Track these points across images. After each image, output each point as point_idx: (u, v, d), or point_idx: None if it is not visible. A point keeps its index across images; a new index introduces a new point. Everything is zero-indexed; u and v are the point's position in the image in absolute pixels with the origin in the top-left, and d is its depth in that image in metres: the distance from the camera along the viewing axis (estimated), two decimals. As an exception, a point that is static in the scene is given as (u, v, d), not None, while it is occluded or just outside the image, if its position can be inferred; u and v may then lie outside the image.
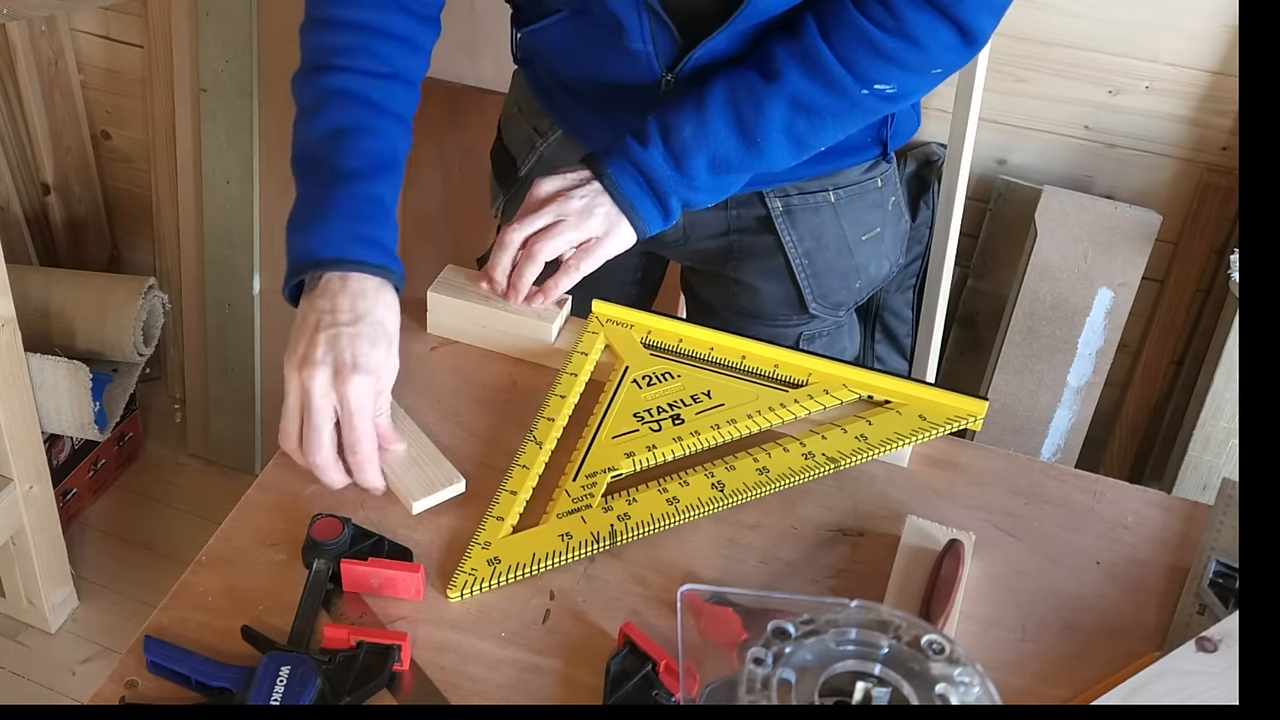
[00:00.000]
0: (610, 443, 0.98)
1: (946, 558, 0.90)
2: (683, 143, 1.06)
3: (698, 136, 1.06)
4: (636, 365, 1.05)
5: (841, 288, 1.27)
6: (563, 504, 0.93)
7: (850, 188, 1.24)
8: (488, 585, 0.88)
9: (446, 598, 0.88)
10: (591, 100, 1.20)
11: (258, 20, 1.92)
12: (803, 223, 1.23)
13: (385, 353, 0.96)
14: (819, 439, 1.00)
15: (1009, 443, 1.79)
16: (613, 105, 1.17)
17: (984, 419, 1.04)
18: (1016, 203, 1.79)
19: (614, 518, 0.92)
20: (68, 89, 2.17)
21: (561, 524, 0.92)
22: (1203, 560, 0.94)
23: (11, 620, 1.97)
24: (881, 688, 0.70)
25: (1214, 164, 1.70)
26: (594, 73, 1.17)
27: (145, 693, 0.81)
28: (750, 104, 1.06)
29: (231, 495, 0.97)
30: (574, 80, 1.21)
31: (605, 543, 0.91)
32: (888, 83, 1.05)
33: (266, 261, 2.10)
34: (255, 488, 0.96)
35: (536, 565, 0.89)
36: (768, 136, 1.06)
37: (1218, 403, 1.69)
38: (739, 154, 1.07)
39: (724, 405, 1.01)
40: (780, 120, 1.06)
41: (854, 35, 1.03)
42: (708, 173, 1.08)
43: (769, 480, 0.96)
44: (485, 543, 0.90)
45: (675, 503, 0.94)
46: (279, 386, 0.95)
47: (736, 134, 1.06)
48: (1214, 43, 1.63)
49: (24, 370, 1.74)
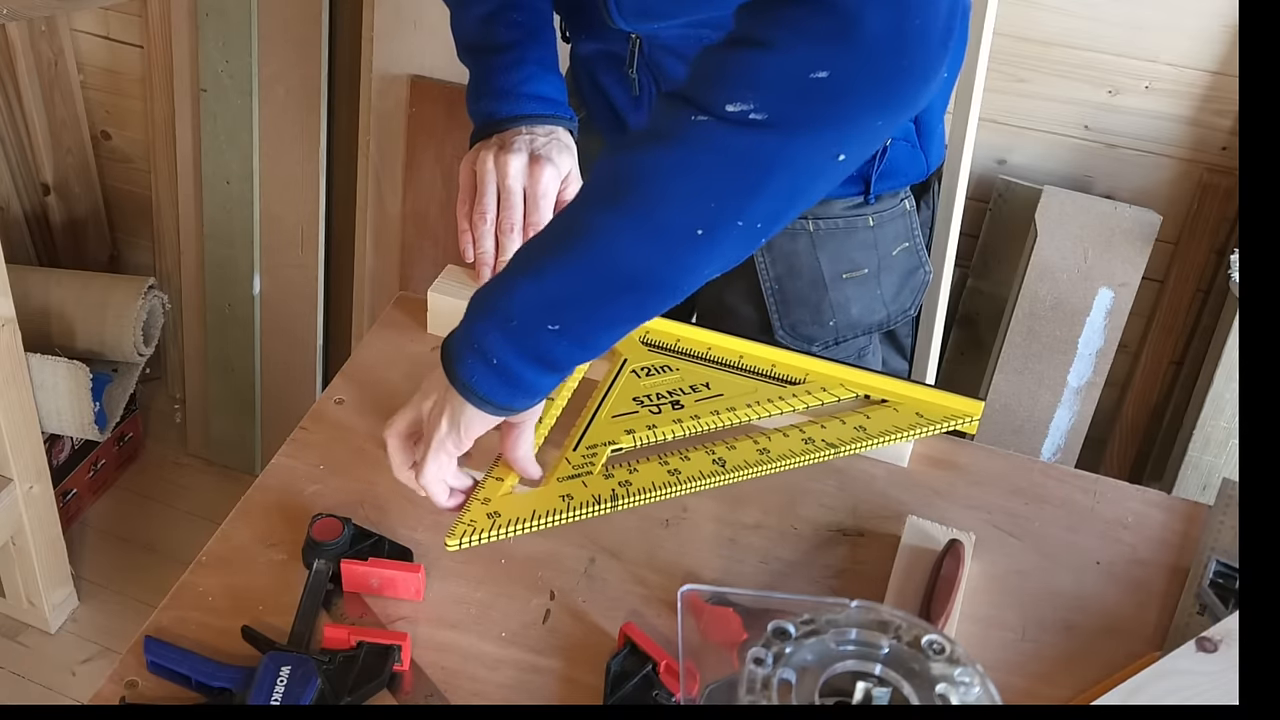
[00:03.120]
0: (611, 421, 0.98)
1: (946, 558, 0.90)
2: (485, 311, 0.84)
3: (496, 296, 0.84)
4: (635, 358, 1.05)
5: (813, 322, 1.22)
6: (563, 470, 0.94)
7: (830, 221, 1.19)
8: (487, 536, 0.88)
9: (445, 546, 0.87)
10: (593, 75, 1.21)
11: (258, 20, 1.92)
12: (777, 247, 1.19)
13: (570, 161, 1.08)
14: (818, 427, 1.00)
15: (1009, 443, 1.79)
16: (606, 79, 1.19)
17: (981, 419, 1.04)
18: (1016, 203, 1.79)
19: (615, 483, 0.93)
20: (68, 89, 2.16)
21: (563, 486, 0.92)
22: (1203, 560, 0.94)
23: (11, 620, 1.97)
24: (882, 688, 0.70)
25: (1214, 164, 1.70)
26: (587, 35, 1.18)
27: (145, 693, 0.81)
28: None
29: (231, 495, 0.98)
30: (579, 49, 1.22)
31: (606, 505, 0.91)
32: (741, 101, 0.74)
33: (266, 261, 2.10)
34: (255, 488, 0.96)
35: (537, 521, 0.89)
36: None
37: (1218, 403, 1.68)
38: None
39: (723, 395, 1.02)
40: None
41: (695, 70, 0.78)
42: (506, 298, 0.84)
43: (769, 460, 0.96)
44: (485, 499, 0.90)
45: (676, 474, 0.94)
46: (279, 386, 0.95)
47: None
48: (1214, 43, 1.62)
49: (24, 370, 1.74)
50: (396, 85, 1.86)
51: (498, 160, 1.07)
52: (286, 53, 1.93)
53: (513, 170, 1.07)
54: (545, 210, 1.09)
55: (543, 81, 1.11)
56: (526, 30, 1.13)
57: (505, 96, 1.10)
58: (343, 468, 0.98)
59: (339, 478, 0.97)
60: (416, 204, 1.93)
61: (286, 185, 2.03)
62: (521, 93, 1.10)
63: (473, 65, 1.15)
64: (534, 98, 1.10)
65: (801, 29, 0.72)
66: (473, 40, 1.15)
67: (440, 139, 1.88)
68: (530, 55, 1.12)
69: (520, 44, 1.12)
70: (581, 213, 0.80)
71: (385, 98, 1.88)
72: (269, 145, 2.00)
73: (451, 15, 1.18)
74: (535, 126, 1.09)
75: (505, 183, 1.07)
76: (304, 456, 0.98)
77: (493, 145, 1.09)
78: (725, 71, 0.74)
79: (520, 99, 1.10)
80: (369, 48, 1.86)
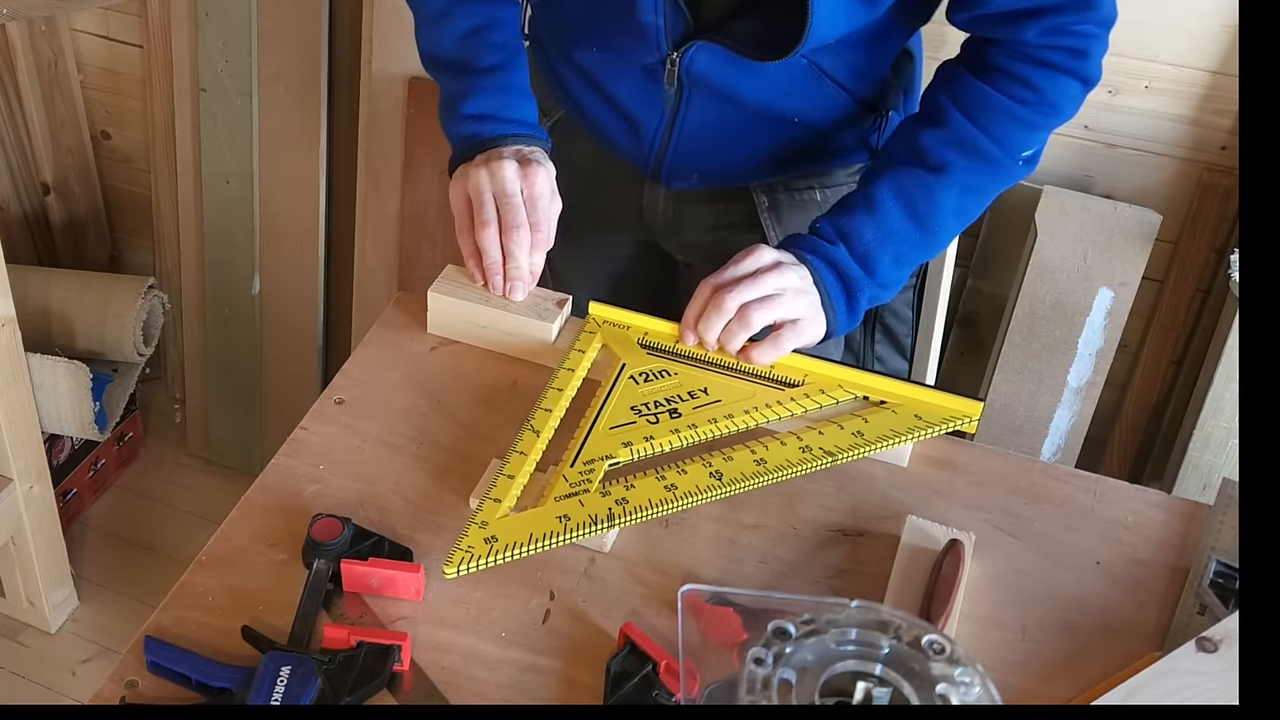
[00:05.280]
0: (608, 433, 0.98)
1: (946, 558, 0.90)
2: (866, 245, 1.08)
3: (879, 237, 1.09)
4: (634, 363, 1.05)
5: None
6: (560, 488, 0.93)
7: (836, 189, 1.24)
8: (485, 563, 0.87)
9: (443, 573, 0.87)
10: (596, 80, 1.21)
11: (258, 20, 1.92)
12: (787, 218, 1.24)
13: (553, 171, 1.11)
14: (816, 434, 1.00)
15: (1009, 443, 1.79)
16: (617, 85, 1.19)
17: (980, 420, 1.04)
18: (1016, 203, 1.79)
19: (612, 501, 0.92)
20: (67, 89, 2.16)
21: (559, 506, 0.92)
22: (1203, 560, 0.94)
23: (11, 620, 1.97)
24: (882, 688, 0.70)
25: (1214, 164, 1.70)
26: (601, 46, 1.18)
27: (145, 693, 0.81)
28: (924, 197, 1.09)
29: (231, 495, 0.98)
30: (580, 57, 1.22)
31: (604, 525, 0.90)
32: (1032, 147, 1.12)
33: (266, 261, 2.10)
34: (255, 488, 0.96)
35: (534, 545, 0.89)
36: (943, 223, 1.10)
37: (1218, 403, 1.69)
38: (917, 245, 1.11)
39: (721, 401, 1.02)
40: (953, 207, 1.10)
41: (1003, 115, 1.08)
42: (893, 268, 1.10)
43: (766, 471, 0.96)
44: (482, 522, 0.90)
45: (673, 489, 0.94)
46: (279, 386, 0.95)
47: (915, 228, 1.09)
48: (1214, 43, 1.62)
49: (24, 370, 1.74)
50: (395, 86, 1.86)
51: (490, 169, 1.08)
52: (286, 53, 1.93)
53: (507, 174, 1.08)
54: (544, 210, 1.09)
55: (523, 107, 1.16)
56: (508, 52, 1.16)
57: (488, 121, 1.13)
58: (343, 468, 0.98)
59: (339, 478, 0.97)
60: (415, 204, 1.93)
61: (286, 185, 2.03)
62: (504, 118, 1.14)
63: (448, 82, 1.17)
64: (516, 122, 1.14)
65: (1071, 96, 1.10)
66: (450, 57, 1.17)
67: (439, 140, 1.87)
68: (512, 80, 1.16)
69: (502, 68, 1.15)
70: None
71: (384, 98, 1.88)
72: (269, 145, 2.01)
73: (422, 27, 1.19)
74: (517, 144, 1.12)
75: (502, 187, 1.08)
76: (304, 456, 0.98)
77: (479, 162, 1.10)
78: (1027, 128, 1.10)
79: (503, 123, 1.13)
80: (369, 48, 1.86)
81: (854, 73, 1.15)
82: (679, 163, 1.21)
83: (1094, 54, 1.07)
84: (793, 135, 1.19)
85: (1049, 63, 1.06)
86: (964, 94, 1.09)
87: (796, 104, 1.16)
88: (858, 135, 1.21)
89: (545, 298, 1.09)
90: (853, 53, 1.13)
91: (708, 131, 1.18)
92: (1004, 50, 1.07)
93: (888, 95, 1.21)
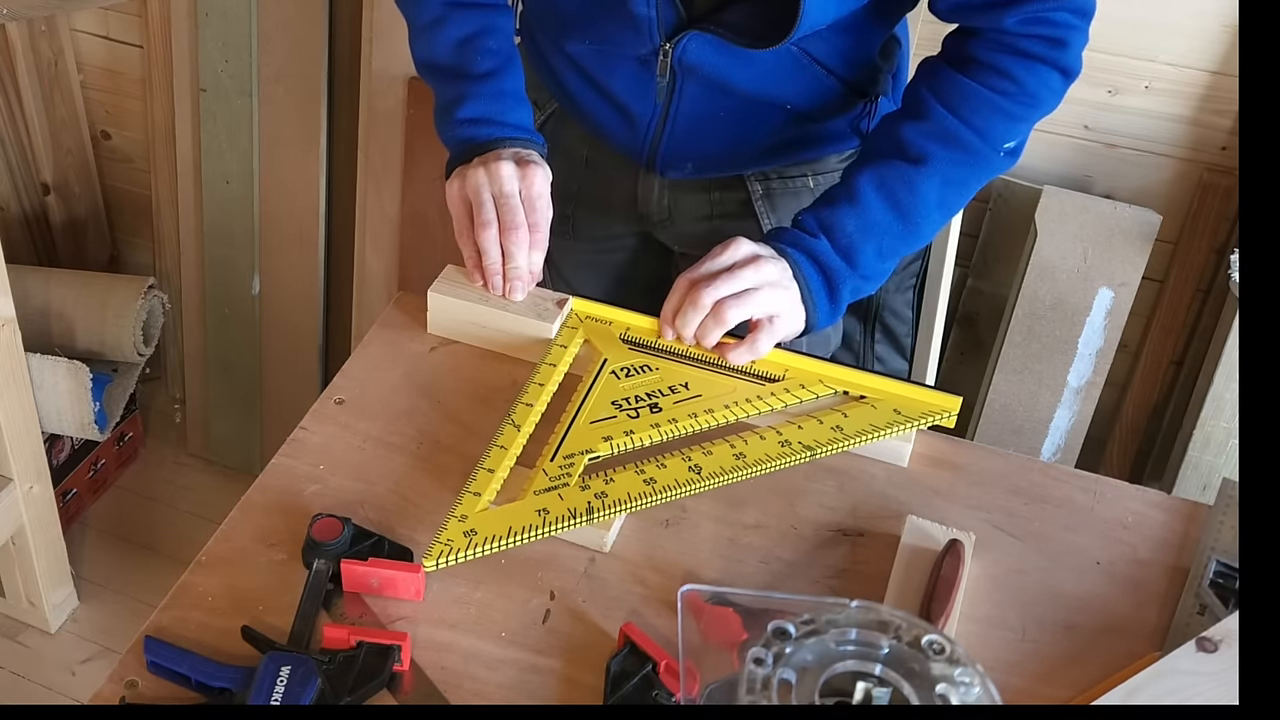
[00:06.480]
0: (588, 427, 0.98)
1: (946, 558, 0.90)
2: (849, 237, 1.09)
3: (862, 229, 1.09)
4: (615, 358, 1.05)
5: None
6: (540, 482, 0.93)
7: (828, 176, 1.24)
8: (464, 555, 0.87)
9: (422, 566, 0.87)
10: (589, 72, 1.22)
11: (258, 20, 1.92)
12: (781, 206, 1.25)
13: (549, 174, 1.11)
14: (795, 428, 1.00)
15: (1009, 443, 1.79)
16: (610, 76, 1.19)
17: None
18: (1016, 203, 1.79)
19: (591, 495, 0.92)
20: (67, 89, 2.17)
21: (539, 500, 0.92)
22: (1203, 560, 0.94)
23: (11, 620, 1.97)
24: (882, 688, 0.70)
25: (1214, 164, 1.70)
26: (593, 38, 1.18)
27: (145, 693, 0.81)
28: (905, 189, 1.09)
29: (231, 495, 0.98)
30: (573, 49, 1.22)
31: (582, 519, 0.91)
32: (1014, 139, 1.11)
33: (266, 261, 2.10)
34: (255, 488, 0.96)
35: (513, 538, 0.89)
36: (925, 214, 1.10)
37: (1218, 403, 1.69)
38: (900, 237, 1.11)
39: (701, 396, 1.02)
40: (935, 198, 1.10)
41: (984, 106, 1.08)
42: (876, 260, 1.10)
43: (745, 465, 0.96)
44: (461, 516, 0.90)
45: (652, 483, 0.94)
46: (279, 386, 0.95)
47: (897, 219, 1.10)
48: (1214, 43, 1.63)
49: (24, 370, 1.74)
50: (395, 85, 1.86)
51: (488, 170, 1.09)
52: (286, 53, 1.93)
53: (505, 174, 1.08)
54: (542, 210, 1.09)
55: (519, 112, 1.16)
56: (503, 58, 1.17)
57: (485, 124, 1.14)
58: (343, 468, 0.98)
59: (339, 478, 0.97)
60: (415, 204, 1.93)
61: (286, 185, 2.03)
62: (500, 122, 1.14)
63: (443, 89, 1.18)
64: (512, 126, 1.14)
65: (1052, 87, 1.09)
66: (445, 63, 1.17)
67: (438, 140, 1.88)
68: (508, 86, 1.16)
69: (497, 74, 1.16)
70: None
71: (384, 98, 1.88)
72: (269, 145, 2.01)
73: (417, 34, 1.20)
74: (514, 146, 1.12)
75: (501, 188, 1.08)
76: (304, 456, 0.98)
77: (477, 164, 1.10)
78: (1008, 119, 1.09)
79: (499, 127, 1.14)
80: (369, 48, 1.86)
81: (843, 58, 1.16)
82: (673, 152, 1.22)
83: (1073, 44, 1.07)
84: (785, 122, 1.20)
85: (1028, 53, 1.06)
86: (945, 86, 1.09)
87: (788, 91, 1.17)
88: (849, 121, 1.22)
89: (545, 298, 1.10)
90: (842, 38, 1.14)
91: (701, 121, 1.18)
92: (984, 42, 1.08)
93: (877, 80, 1.21)
